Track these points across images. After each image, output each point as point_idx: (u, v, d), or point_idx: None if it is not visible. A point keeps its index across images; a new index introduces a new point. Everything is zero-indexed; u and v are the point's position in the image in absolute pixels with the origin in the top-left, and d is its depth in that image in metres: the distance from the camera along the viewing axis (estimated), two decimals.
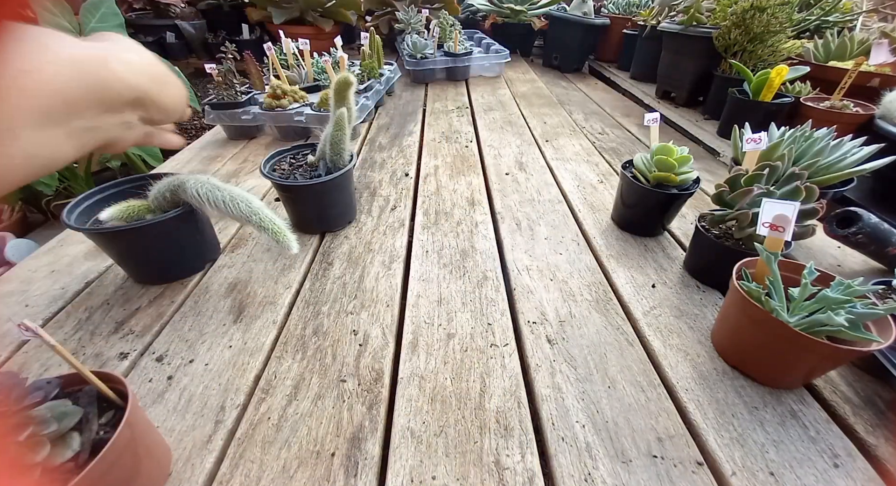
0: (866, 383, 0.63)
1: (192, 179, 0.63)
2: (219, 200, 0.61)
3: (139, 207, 0.66)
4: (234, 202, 0.61)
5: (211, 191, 0.62)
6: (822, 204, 0.72)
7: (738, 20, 1.40)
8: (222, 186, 0.63)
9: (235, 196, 0.62)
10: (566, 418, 0.57)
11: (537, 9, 2.48)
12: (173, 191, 0.64)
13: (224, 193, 0.62)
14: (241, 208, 0.61)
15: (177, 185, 0.64)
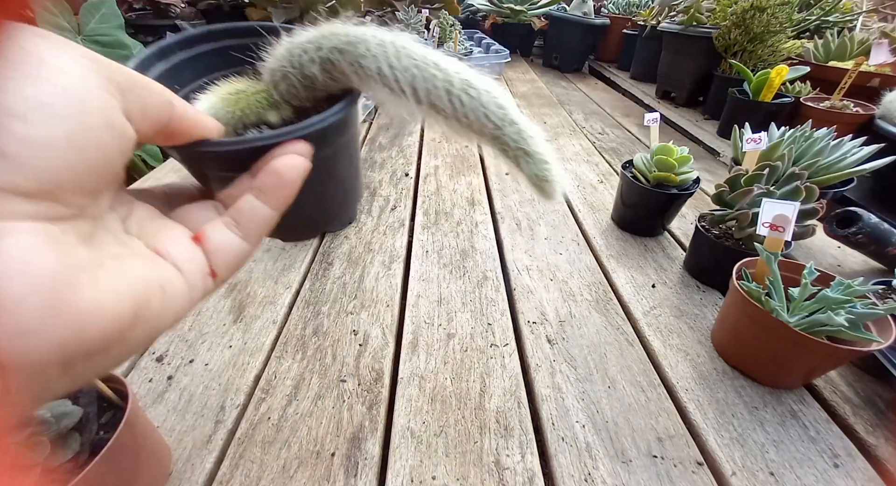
0: (866, 383, 0.63)
1: (369, 36, 0.28)
2: (449, 92, 0.27)
3: (254, 97, 0.33)
4: (481, 101, 0.27)
5: (420, 68, 0.27)
6: (822, 204, 0.72)
7: (738, 20, 1.41)
8: (434, 55, 0.28)
9: (474, 86, 0.27)
10: (566, 418, 0.57)
11: (537, 9, 2.48)
12: (329, 62, 0.29)
13: (452, 76, 0.27)
14: (492, 112, 0.27)
15: (342, 46, 0.29)
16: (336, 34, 0.29)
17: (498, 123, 0.26)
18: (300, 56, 0.30)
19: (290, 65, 0.31)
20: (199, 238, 0.23)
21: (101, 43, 1.33)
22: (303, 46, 0.30)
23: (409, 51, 0.27)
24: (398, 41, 0.28)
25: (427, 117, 0.29)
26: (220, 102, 0.30)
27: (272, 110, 0.34)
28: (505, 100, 0.27)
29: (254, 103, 0.32)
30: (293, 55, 0.30)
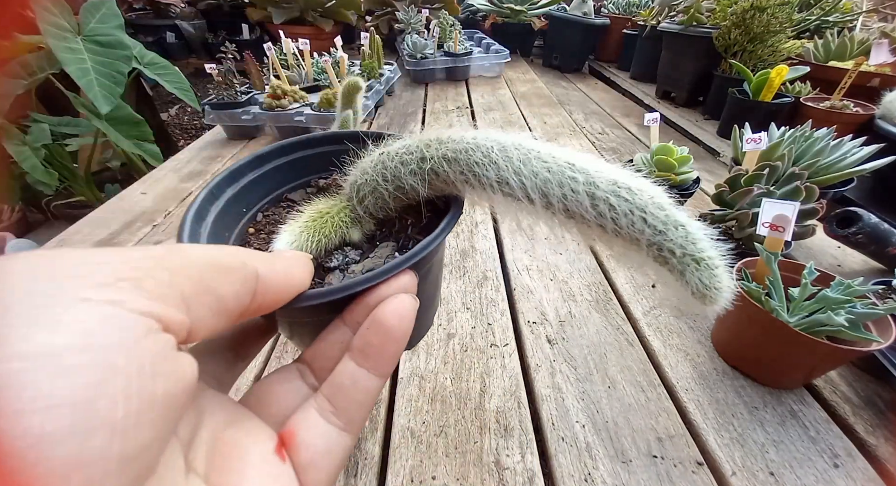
0: (866, 383, 0.63)
1: (485, 141, 0.25)
2: (593, 196, 0.22)
3: (338, 217, 0.30)
4: (636, 203, 0.22)
5: (554, 171, 0.23)
6: (822, 204, 0.72)
7: (738, 20, 1.40)
8: (568, 155, 0.24)
9: (625, 185, 0.23)
10: (566, 418, 0.57)
11: (537, 9, 2.48)
12: (433, 173, 0.26)
13: (595, 177, 0.22)
14: (651, 215, 0.22)
15: (452, 155, 0.25)
16: (444, 142, 0.26)
17: (660, 227, 0.21)
18: (397, 168, 0.27)
19: (383, 178, 0.28)
20: (287, 442, 0.18)
21: (101, 43, 1.33)
22: (400, 157, 0.27)
23: (540, 154, 0.23)
24: (522, 144, 0.24)
25: (553, 222, 0.25)
26: (302, 233, 0.28)
27: (355, 227, 0.31)
28: (664, 198, 0.22)
29: (338, 224, 0.30)
30: (387, 168, 0.27)
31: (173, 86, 1.60)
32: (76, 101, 1.41)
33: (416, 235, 0.31)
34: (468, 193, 0.27)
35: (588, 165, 0.23)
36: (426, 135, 0.27)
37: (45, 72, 1.36)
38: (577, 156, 0.24)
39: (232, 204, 0.31)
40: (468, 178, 0.25)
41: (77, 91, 1.39)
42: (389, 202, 0.29)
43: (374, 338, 0.20)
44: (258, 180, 0.33)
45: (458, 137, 0.26)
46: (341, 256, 0.29)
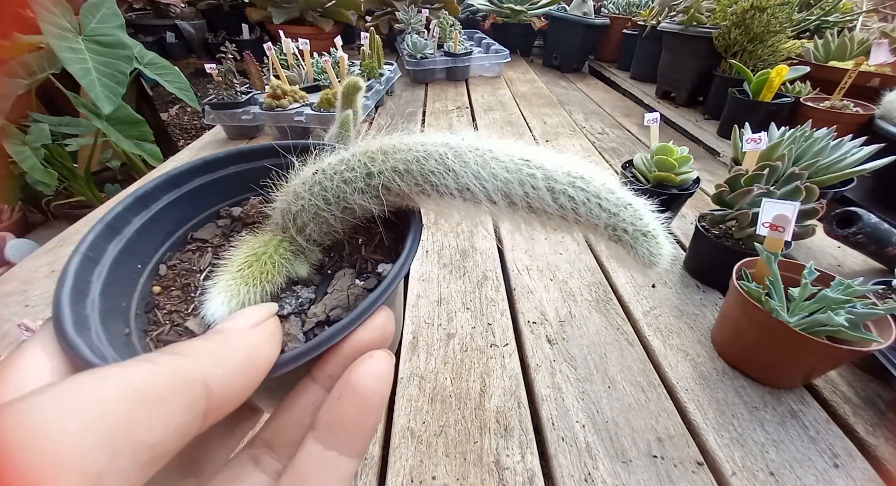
0: (866, 383, 0.63)
1: (437, 147, 0.24)
2: (552, 190, 0.23)
3: (276, 255, 0.26)
4: (591, 191, 0.23)
5: (512, 170, 0.23)
6: (822, 204, 0.72)
7: (738, 20, 1.40)
8: (523, 151, 0.24)
9: (580, 175, 0.23)
10: (566, 418, 0.57)
11: (537, 9, 2.48)
12: (384, 188, 0.24)
13: (552, 171, 0.23)
14: (605, 200, 0.23)
15: (404, 167, 0.23)
16: (389, 153, 0.23)
17: (613, 209, 0.23)
18: (340, 189, 0.24)
19: (325, 201, 0.24)
20: None
21: (102, 43, 1.33)
22: (341, 175, 0.24)
23: (495, 153, 0.23)
24: (475, 145, 0.23)
25: (515, 219, 0.24)
26: (240, 286, 0.23)
27: (299, 261, 0.26)
28: (614, 182, 0.24)
29: (279, 263, 0.25)
30: (327, 189, 0.24)
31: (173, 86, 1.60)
32: (76, 101, 1.41)
33: (371, 256, 0.28)
34: (425, 202, 0.25)
35: (542, 160, 0.23)
36: (365, 145, 0.24)
37: (45, 72, 1.36)
38: (528, 150, 0.23)
39: (119, 264, 0.24)
40: (424, 188, 0.23)
41: (77, 91, 1.39)
42: (336, 226, 0.25)
43: (348, 409, 0.16)
44: (148, 225, 0.27)
45: (403, 145, 0.24)
46: (293, 298, 0.25)
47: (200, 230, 0.30)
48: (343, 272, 0.27)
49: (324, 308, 0.24)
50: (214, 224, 0.31)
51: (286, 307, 0.25)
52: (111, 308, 0.23)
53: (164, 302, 0.26)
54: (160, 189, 0.28)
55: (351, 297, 0.25)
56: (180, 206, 0.29)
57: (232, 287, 0.23)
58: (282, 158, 0.29)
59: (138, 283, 0.26)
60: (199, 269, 0.27)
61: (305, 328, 0.24)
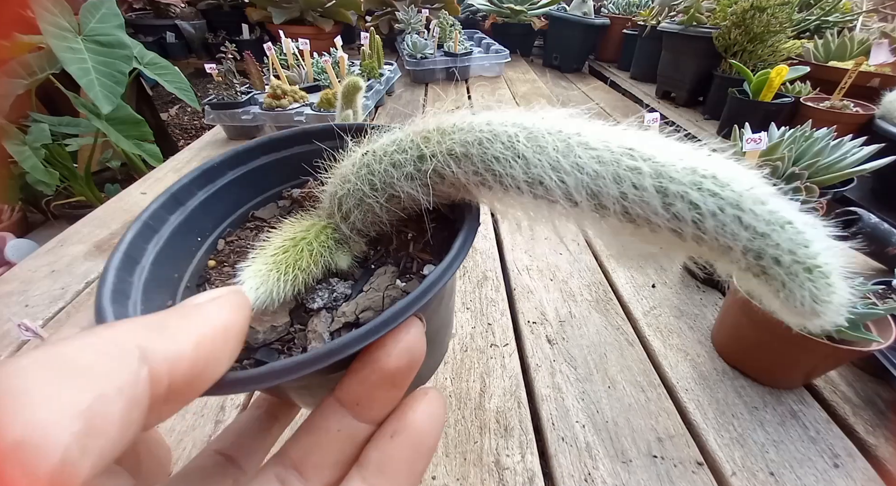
0: (866, 383, 0.63)
1: (505, 127, 0.18)
2: (665, 192, 0.16)
3: (317, 242, 0.24)
4: (730, 199, 0.16)
5: (606, 162, 0.17)
6: (822, 204, 0.72)
7: (738, 20, 1.40)
8: (624, 137, 0.18)
9: (711, 174, 0.16)
10: (566, 418, 0.57)
11: (537, 9, 2.48)
12: (437, 175, 0.20)
13: (667, 166, 0.16)
14: (750, 213, 0.15)
15: (461, 151, 0.19)
16: (447, 133, 0.19)
17: (761, 228, 0.15)
18: (387, 173, 0.21)
19: (370, 187, 0.21)
20: None
21: (101, 43, 1.33)
22: (391, 158, 0.21)
23: (584, 138, 0.17)
24: (561, 127, 0.18)
25: (602, 227, 0.18)
26: (271, 272, 0.21)
27: (341, 252, 0.24)
28: (765, 188, 0.16)
29: (318, 251, 0.23)
30: (374, 173, 0.21)
31: (173, 86, 1.60)
32: (76, 101, 1.41)
33: (419, 254, 0.25)
34: (484, 195, 0.20)
35: (654, 150, 0.17)
36: (422, 124, 0.21)
37: (45, 72, 1.36)
38: (637, 137, 0.17)
39: (180, 234, 0.24)
40: (485, 178, 0.18)
41: (77, 91, 1.39)
42: (382, 216, 0.23)
43: (402, 451, 0.15)
44: (211, 200, 0.26)
45: (465, 123, 0.19)
46: (327, 291, 0.23)
47: (262, 209, 0.30)
48: (385, 269, 0.24)
49: (355, 308, 0.22)
50: (275, 204, 0.30)
51: (317, 301, 0.23)
52: (161, 278, 0.22)
53: (215, 277, 0.25)
54: (227, 163, 0.28)
55: (387, 299, 0.22)
56: (244, 183, 0.29)
57: (262, 273, 0.21)
58: (340, 140, 0.27)
59: (195, 255, 0.26)
60: (254, 246, 0.26)
61: (332, 328, 0.21)
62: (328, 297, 0.23)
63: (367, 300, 0.22)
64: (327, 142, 0.28)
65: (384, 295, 0.22)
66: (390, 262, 0.25)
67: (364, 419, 0.16)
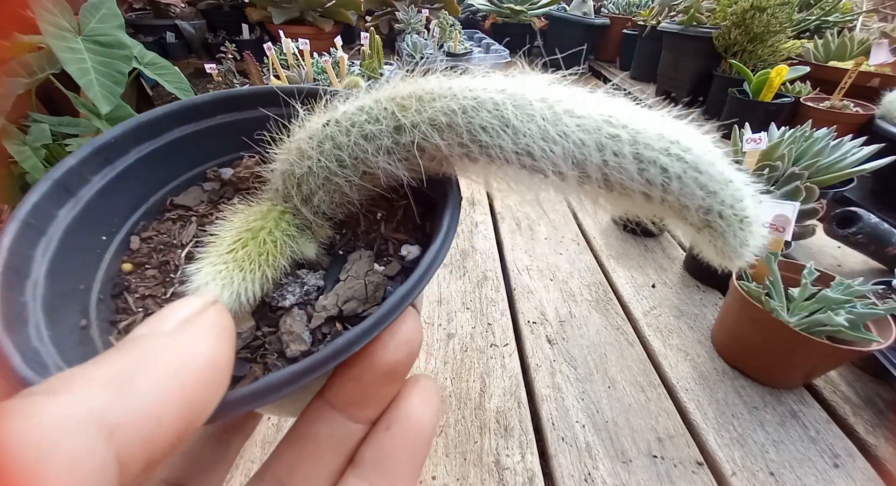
0: (866, 383, 0.63)
1: (490, 94, 0.17)
2: (640, 159, 0.17)
3: (277, 232, 0.21)
4: (692, 163, 0.17)
5: (590, 130, 0.17)
6: (822, 204, 0.72)
7: (739, 20, 1.40)
8: (606, 105, 0.18)
9: (678, 140, 0.17)
10: (566, 418, 0.57)
11: (537, 9, 2.48)
12: (418, 148, 0.18)
13: (643, 133, 0.17)
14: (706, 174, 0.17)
15: (444, 121, 0.18)
16: (427, 100, 0.18)
17: (713, 186, 0.17)
18: (358, 146, 0.18)
19: (338, 163, 0.19)
20: None
21: (101, 43, 1.33)
22: (361, 129, 0.18)
23: (567, 105, 0.17)
24: (544, 94, 0.17)
25: (582, 195, 0.19)
26: (232, 271, 0.18)
27: (305, 238, 0.21)
28: (714, 149, 0.18)
29: (281, 241, 0.20)
30: (342, 147, 0.19)
31: (173, 86, 1.60)
32: (76, 101, 1.41)
33: (393, 234, 0.23)
34: (468, 168, 0.19)
35: (626, 117, 0.17)
36: (392, 89, 0.19)
37: (45, 72, 1.36)
38: (608, 104, 0.18)
39: (76, 234, 0.19)
40: (470, 150, 0.17)
41: (77, 91, 1.39)
42: (352, 196, 0.20)
43: (400, 444, 0.14)
44: (113, 187, 0.21)
45: (444, 89, 0.18)
46: (297, 285, 0.20)
47: (182, 195, 0.24)
48: (359, 254, 0.22)
49: (335, 300, 0.20)
50: (200, 188, 0.25)
51: (287, 297, 0.20)
52: (63, 292, 0.18)
53: (136, 284, 0.21)
54: (129, 139, 0.21)
55: (370, 286, 0.20)
56: (156, 163, 0.23)
57: (223, 273, 0.18)
58: (284, 106, 0.23)
59: (103, 259, 0.21)
60: (181, 243, 0.22)
61: (312, 325, 0.19)
62: (299, 292, 0.20)
63: (348, 290, 0.20)
64: (267, 109, 0.23)
65: (365, 282, 0.20)
66: (361, 245, 0.23)
67: (359, 419, 0.15)
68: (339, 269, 0.22)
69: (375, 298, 0.20)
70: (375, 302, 0.20)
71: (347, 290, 0.20)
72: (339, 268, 0.22)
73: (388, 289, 0.20)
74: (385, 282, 0.21)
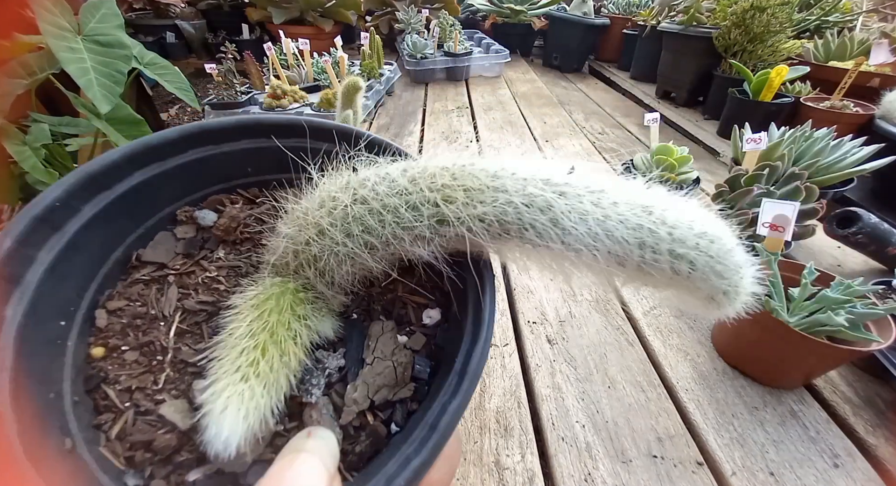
0: (866, 383, 0.63)
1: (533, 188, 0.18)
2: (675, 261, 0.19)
3: (289, 312, 0.18)
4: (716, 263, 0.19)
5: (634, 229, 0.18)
6: (822, 204, 0.72)
7: (738, 20, 1.40)
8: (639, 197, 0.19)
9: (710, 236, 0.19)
10: (566, 418, 0.57)
11: (537, 9, 2.48)
12: (456, 235, 0.19)
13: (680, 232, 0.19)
14: (724, 265, 0.19)
15: (496, 217, 0.18)
16: (474, 190, 0.17)
17: (727, 275, 0.19)
18: (393, 234, 0.17)
19: (366, 246, 0.17)
20: None
21: (100, 43, 1.33)
22: (397, 215, 0.17)
23: (612, 197, 0.18)
24: (589, 184, 0.18)
25: (608, 275, 0.20)
26: (253, 388, 0.16)
27: (320, 313, 0.20)
28: (734, 238, 0.20)
29: (298, 331, 0.18)
30: (371, 231, 0.17)
31: (173, 86, 1.60)
32: (76, 101, 1.41)
33: (411, 297, 0.21)
34: (499, 248, 0.19)
35: (662, 208, 0.18)
36: (431, 166, 0.18)
37: (45, 72, 1.36)
38: (644, 194, 0.19)
39: (30, 329, 0.15)
40: (509, 238, 0.18)
41: (77, 91, 1.39)
42: (375, 268, 0.19)
43: None
44: (65, 256, 0.17)
45: (491, 180, 0.17)
46: (319, 373, 0.18)
47: (150, 247, 0.20)
48: (380, 327, 0.20)
49: (366, 391, 0.18)
50: (170, 235, 0.21)
51: (314, 392, 0.18)
52: (33, 405, 0.14)
53: (115, 372, 0.17)
54: (77, 196, 0.18)
55: (398, 368, 0.19)
56: (116, 214, 0.19)
57: (245, 393, 0.15)
58: (272, 139, 0.20)
59: (66, 349, 0.17)
60: (163, 314, 0.18)
61: (343, 421, 0.17)
62: (323, 381, 0.18)
63: (377, 376, 0.18)
64: (246, 141, 0.21)
65: (394, 364, 0.19)
66: (377, 309, 0.21)
67: None
68: (358, 341, 0.20)
69: (404, 379, 0.19)
70: (405, 384, 0.19)
71: (377, 376, 0.18)
72: (358, 340, 0.20)
73: (416, 367, 0.19)
74: (412, 359, 0.19)
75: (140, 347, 0.18)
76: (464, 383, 0.16)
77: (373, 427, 0.17)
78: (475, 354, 0.17)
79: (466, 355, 0.17)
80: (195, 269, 0.20)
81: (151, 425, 0.15)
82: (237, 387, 0.15)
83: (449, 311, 0.17)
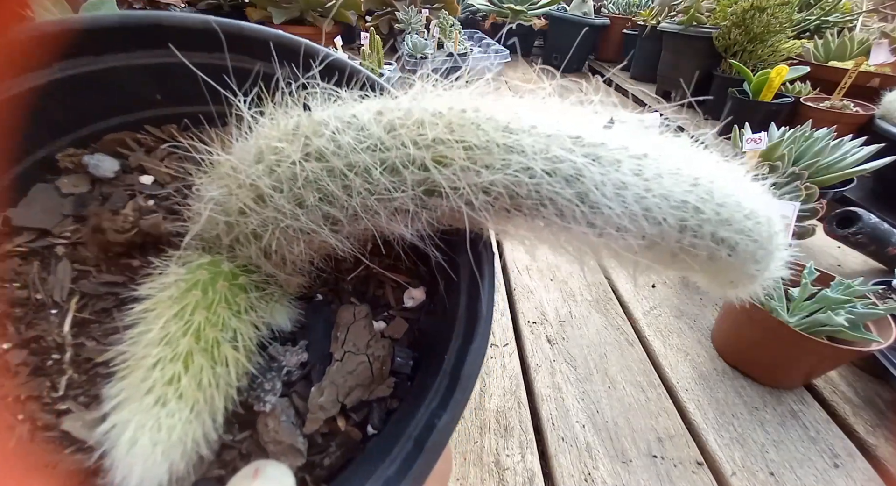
0: (866, 383, 0.63)
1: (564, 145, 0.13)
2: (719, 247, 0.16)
3: (228, 309, 0.13)
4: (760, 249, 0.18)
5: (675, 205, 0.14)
6: (822, 204, 0.72)
7: (739, 20, 1.40)
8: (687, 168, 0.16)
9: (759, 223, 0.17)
10: (566, 418, 0.57)
11: (537, 9, 2.48)
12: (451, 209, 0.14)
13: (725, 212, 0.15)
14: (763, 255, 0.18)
15: (511, 187, 0.14)
16: (478, 149, 0.12)
17: (765, 261, 0.18)
18: (364, 204, 0.13)
19: (325, 219, 0.13)
20: None
21: None
22: (367, 180, 0.12)
23: (658, 167, 0.14)
24: (627, 145, 0.14)
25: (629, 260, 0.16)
26: (172, 411, 0.12)
27: (271, 300, 0.15)
28: (778, 219, 0.18)
29: (239, 330, 0.13)
30: (332, 198, 0.13)
31: None
32: None
33: (389, 273, 0.17)
34: (504, 226, 0.15)
35: (710, 182, 0.15)
36: (426, 126, 0.13)
37: None
38: (695, 158, 0.15)
39: None
40: (520, 214, 0.14)
41: None
42: (341, 245, 0.15)
43: None
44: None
45: (508, 138, 0.12)
46: (274, 374, 0.15)
47: (23, 204, 0.14)
48: (351, 312, 0.15)
49: (335, 394, 0.14)
50: (51, 188, 0.15)
51: (268, 399, 0.14)
52: None
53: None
54: None
55: (375, 363, 0.15)
56: None
57: (162, 422, 0.11)
58: (184, 50, 0.14)
59: None
60: (52, 300, 0.13)
61: (308, 429, 0.14)
62: (279, 382, 0.15)
63: (349, 375, 0.14)
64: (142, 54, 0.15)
65: (369, 358, 0.15)
66: (347, 288, 0.16)
67: None
68: (324, 330, 0.15)
69: (382, 376, 0.15)
70: (382, 380, 0.15)
71: (348, 375, 0.15)
72: (324, 328, 0.15)
73: (397, 360, 0.15)
74: (391, 351, 0.15)
75: (26, 343, 0.13)
76: (456, 393, 0.13)
77: (344, 434, 0.14)
78: (470, 355, 0.14)
79: (459, 356, 0.13)
80: (90, 232, 0.14)
81: (52, 441, 0.11)
82: (150, 414, 0.11)
83: (436, 290, 0.14)
